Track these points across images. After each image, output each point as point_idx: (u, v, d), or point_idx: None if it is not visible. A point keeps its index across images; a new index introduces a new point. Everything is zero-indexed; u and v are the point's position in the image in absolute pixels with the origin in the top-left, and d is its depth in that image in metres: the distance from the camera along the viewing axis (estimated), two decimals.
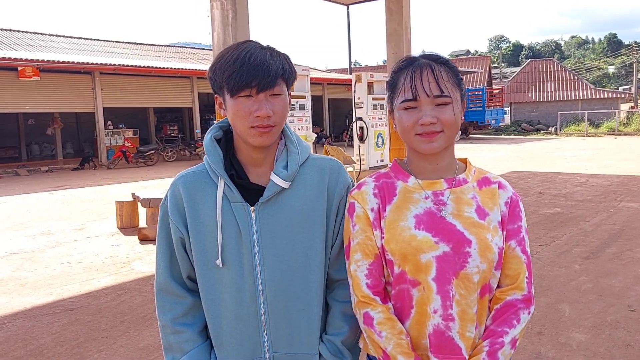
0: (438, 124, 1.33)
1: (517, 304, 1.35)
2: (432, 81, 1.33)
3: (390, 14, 11.53)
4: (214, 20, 7.63)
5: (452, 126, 1.34)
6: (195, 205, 1.39)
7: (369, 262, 1.38)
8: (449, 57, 1.43)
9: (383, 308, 1.36)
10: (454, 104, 1.34)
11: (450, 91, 1.34)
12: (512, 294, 1.36)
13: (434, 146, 1.35)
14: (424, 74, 1.34)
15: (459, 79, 1.38)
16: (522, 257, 1.38)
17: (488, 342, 1.32)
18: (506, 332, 1.32)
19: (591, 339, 3.83)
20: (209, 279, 1.40)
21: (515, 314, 1.34)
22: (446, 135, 1.35)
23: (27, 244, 7.77)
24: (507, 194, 1.42)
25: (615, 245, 6.47)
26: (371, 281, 1.38)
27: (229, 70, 1.30)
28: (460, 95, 1.38)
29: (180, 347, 1.43)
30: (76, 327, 4.45)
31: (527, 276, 1.38)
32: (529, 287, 1.37)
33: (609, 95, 37.77)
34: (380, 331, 1.34)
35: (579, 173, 13.63)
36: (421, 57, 1.39)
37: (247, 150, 1.40)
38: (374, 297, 1.37)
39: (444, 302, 1.31)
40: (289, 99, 1.38)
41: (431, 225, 1.34)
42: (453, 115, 1.34)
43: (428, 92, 1.33)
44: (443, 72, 1.34)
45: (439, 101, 1.33)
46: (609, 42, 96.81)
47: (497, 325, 1.34)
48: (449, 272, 1.32)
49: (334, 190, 1.45)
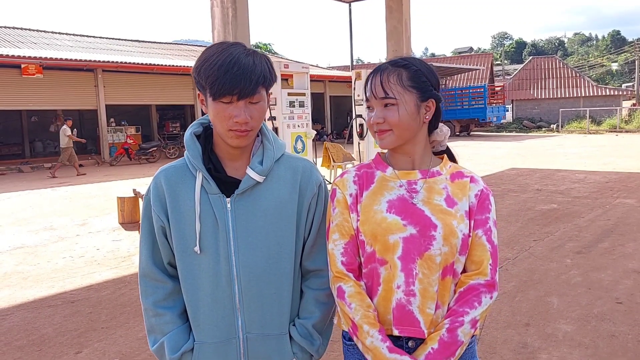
0: (385, 124, 1.46)
1: (480, 287, 1.45)
2: (378, 85, 1.46)
3: (390, 11, 11.58)
4: (214, 18, 7.72)
5: (398, 126, 1.45)
6: (176, 196, 1.49)
7: (345, 242, 1.50)
8: (418, 60, 1.50)
9: (354, 283, 1.48)
10: (401, 106, 1.44)
11: (396, 93, 1.44)
12: (475, 279, 1.46)
13: (383, 142, 1.49)
14: (376, 78, 1.48)
15: (419, 82, 1.46)
16: (487, 245, 1.48)
17: (449, 320, 1.42)
18: (467, 312, 1.42)
19: (577, 330, 3.93)
20: (187, 265, 1.49)
21: (477, 296, 1.44)
22: (395, 134, 1.46)
23: (30, 239, 7.90)
24: (478, 187, 1.52)
25: (607, 240, 6.56)
26: (346, 259, 1.49)
27: (212, 76, 1.36)
28: (418, 97, 1.46)
29: (161, 328, 1.53)
30: (77, 318, 4.57)
31: (491, 263, 1.47)
32: (492, 273, 1.47)
33: (611, 92, 37.74)
34: (350, 303, 1.45)
35: (577, 170, 13.70)
36: (388, 62, 1.51)
37: (225, 145, 1.49)
38: (347, 273, 1.49)
39: (407, 279, 1.42)
40: (267, 101, 1.48)
41: (402, 209, 1.46)
42: (397, 116, 1.44)
43: (375, 94, 1.47)
44: (392, 76, 1.45)
45: (384, 102, 1.46)
46: (613, 39, 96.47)
47: (458, 306, 1.44)
48: (413, 253, 1.43)
49: (306, 187, 1.54)
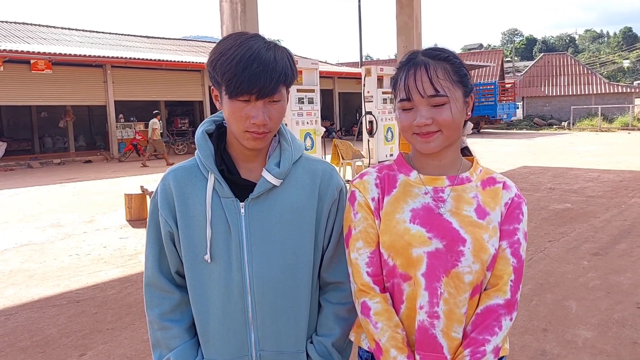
0: (434, 125, 1.29)
1: (499, 309, 1.29)
2: (426, 81, 1.28)
3: (400, 7, 11.44)
4: (223, 14, 7.62)
5: (450, 126, 1.29)
6: (185, 200, 1.37)
7: (371, 250, 1.35)
8: (452, 51, 1.36)
9: (381, 298, 1.33)
10: (452, 103, 1.29)
11: (447, 89, 1.28)
12: (494, 298, 1.30)
13: (431, 146, 1.31)
14: (418, 73, 1.29)
15: (462, 75, 1.32)
16: (511, 259, 1.32)
17: (469, 352, 1.27)
18: (488, 340, 1.27)
19: (598, 337, 3.78)
20: (197, 274, 1.37)
21: (497, 320, 1.28)
22: (444, 135, 1.30)
23: (37, 235, 7.84)
24: (509, 195, 1.36)
25: (625, 241, 6.39)
26: (372, 270, 1.34)
27: (229, 73, 1.24)
28: (463, 92, 1.32)
29: (167, 343, 1.41)
30: (82, 318, 4.48)
31: (513, 280, 1.31)
32: (512, 291, 1.31)
33: (623, 89, 37.26)
34: (377, 322, 1.31)
35: (590, 168, 13.48)
36: (421, 54, 1.34)
37: (239, 145, 1.37)
38: (374, 287, 1.34)
39: (430, 299, 1.28)
40: (286, 99, 1.35)
41: (427, 220, 1.31)
42: (450, 116, 1.28)
43: (422, 92, 1.28)
44: (439, 71, 1.29)
45: (434, 101, 1.28)
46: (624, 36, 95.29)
47: (478, 332, 1.29)
48: (439, 269, 1.28)
49: (326, 192, 1.42)
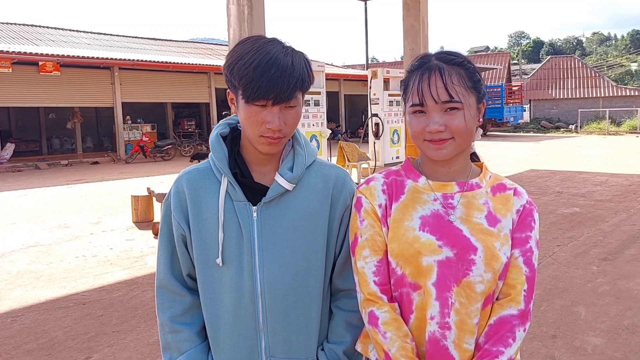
0: (447, 132, 1.26)
1: (513, 320, 1.26)
2: (441, 86, 1.25)
3: (407, 9, 11.44)
4: (230, 16, 7.63)
5: (463, 133, 1.26)
6: (198, 203, 1.37)
7: (378, 259, 1.32)
8: (465, 55, 1.33)
9: (389, 307, 1.30)
10: (466, 110, 1.26)
11: (461, 96, 1.25)
12: (507, 308, 1.27)
13: (442, 153, 1.28)
14: (432, 78, 1.26)
15: (476, 81, 1.29)
16: (524, 268, 1.28)
17: None
18: (501, 352, 1.23)
19: (607, 343, 3.74)
20: (208, 277, 1.37)
21: (511, 331, 1.25)
22: (456, 142, 1.27)
23: (44, 237, 7.86)
24: (521, 202, 1.33)
25: (634, 246, 6.33)
26: (379, 279, 1.31)
27: (247, 77, 1.24)
28: (477, 98, 1.29)
29: (177, 346, 1.41)
30: (88, 321, 4.48)
31: (526, 290, 1.28)
32: (526, 301, 1.27)
33: (631, 93, 36.99)
34: (385, 332, 1.27)
35: (598, 172, 13.38)
36: (434, 57, 1.30)
37: (253, 149, 1.36)
38: (381, 296, 1.31)
39: (442, 309, 1.25)
40: (302, 104, 1.34)
41: (437, 228, 1.28)
42: (464, 122, 1.25)
43: (436, 98, 1.25)
44: (454, 76, 1.26)
45: (448, 107, 1.25)
46: (632, 39, 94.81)
47: (491, 344, 1.25)
48: (450, 279, 1.25)
49: (339, 197, 1.41)
